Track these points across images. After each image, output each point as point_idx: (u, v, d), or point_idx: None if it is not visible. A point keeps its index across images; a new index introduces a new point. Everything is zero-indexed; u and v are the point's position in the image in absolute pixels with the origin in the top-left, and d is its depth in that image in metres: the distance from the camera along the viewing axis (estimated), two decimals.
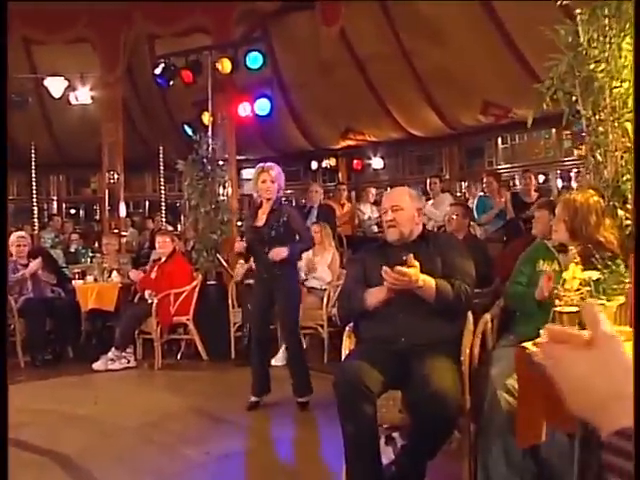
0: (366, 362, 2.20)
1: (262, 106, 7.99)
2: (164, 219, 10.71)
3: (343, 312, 2.56)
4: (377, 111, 9.11)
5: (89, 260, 7.02)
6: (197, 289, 5.57)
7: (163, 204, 11.35)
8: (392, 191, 2.64)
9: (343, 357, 2.47)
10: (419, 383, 2.10)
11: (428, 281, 2.27)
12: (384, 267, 2.26)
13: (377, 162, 11.54)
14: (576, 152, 8.96)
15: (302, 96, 9.18)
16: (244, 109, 8.10)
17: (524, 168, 8.38)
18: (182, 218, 10.46)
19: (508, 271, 3.28)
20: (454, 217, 4.80)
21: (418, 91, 8.50)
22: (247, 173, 12.50)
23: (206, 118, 7.02)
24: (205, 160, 5.83)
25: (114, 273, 5.94)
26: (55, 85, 7.74)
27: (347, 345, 2.50)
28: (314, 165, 11.58)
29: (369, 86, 8.61)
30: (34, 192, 10.61)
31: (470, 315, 2.48)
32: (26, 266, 5.78)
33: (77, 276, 5.93)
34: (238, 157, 8.26)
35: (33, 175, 10.07)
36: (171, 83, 7.07)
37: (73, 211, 13.06)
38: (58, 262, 6.92)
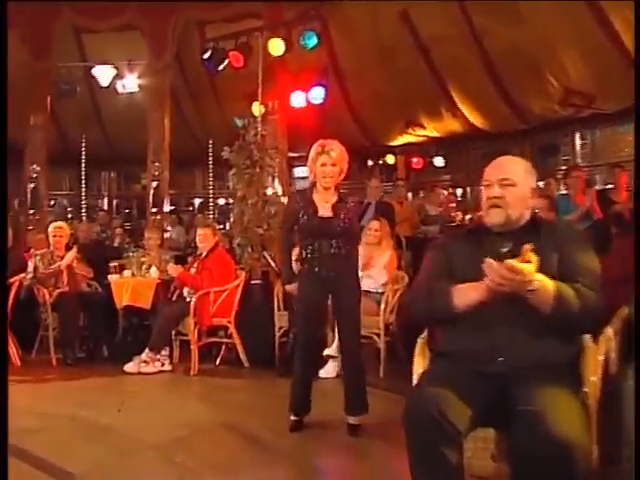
0: (450, 389, 1.59)
1: (316, 94, 7.50)
2: (212, 217, 10.38)
3: (418, 315, 1.94)
4: (441, 102, 8.43)
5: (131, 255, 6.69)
6: (240, 288, 5.09)
7: (211, 201, 11.08)
8: (501, 160, 1.95)
9: (415, 379, 1.86)
10: (527, 422, 1.47)
11: (545, 284, 1.66)
12: (488, 259, 1.65)
13: (438, 160, 10.81)
14: None
15: (359, 86, 8.60)
16: (297, 99, 7.64)
17: (612, 164, 7.45)
18: (232, 217, 10.14)
19: (613, 276, 2.66)
20: (536, 211, 4.09)
21: (488, 78, 7.76)
22: (300, 171, 12.08)
23: (256, 108, 6.57)
24: (253, 147, 5.35)
25: (153, 268, 5.55)
26: (103, 73, 7.53)
27: (420, 362, 1.89)
28: (370, 163, 10.99)
29: (433, 73, 7.94)
30: (83, 187, 10.58)
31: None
32: (62, 258, 5.48)
33: (114, 270, 5.57)
34: (290, 154, 7.80)
35: (83, 170, 10.00)
36: (220, 68, 6.69)
37: (124, 207, 13.01)
38: (103, 253, 6.64)
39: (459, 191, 10.97)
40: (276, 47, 5.98)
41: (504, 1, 6.55)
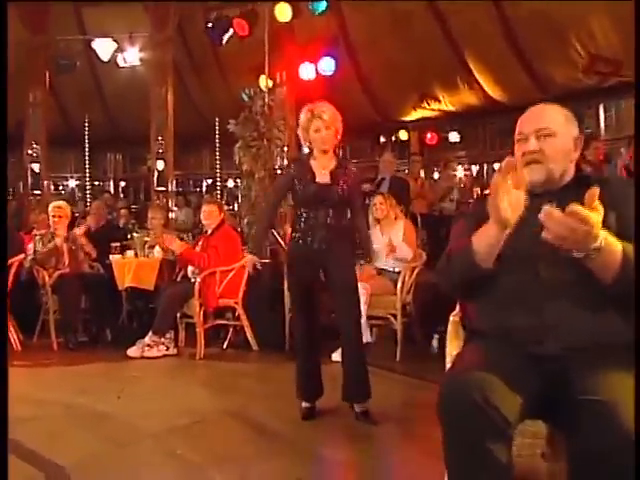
0: (494, 372, 1.31)
1: (326, 65, 7.16)
2: (220, 198, 10.10)
3: (444, 283, 1.66)
4: (457, 73, 8.03)
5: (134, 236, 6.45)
6: (247, 269, 4.81)
7: (219, 182, 10.78)
8: (536, 109, 1.65)
9: (449, 362, 1.58)
10: (594, 414, 1.19)
11: (611, 242, 1.35)
12: (546, 207, 1.35)
13: (453, 136, 10.43)
14: None
15: (371, 57, 8.23)
16: (306, 71, 7.30)
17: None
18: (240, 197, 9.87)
19: None
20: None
21: (508, 46, 7.36)
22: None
23: (263, 81, 6.25)
24: (259, 118, 5.05)
25: (156, 248, 5.31)
26: (103, 47, 7.24)
27: (454, 344, 1.61)
28: (382, 139, 10.64)
29: (449, 42, 7.54)
30: (87, 169, 10.35)
31: None
32: (65, 239, 5.27)
33: (115, 251, 5.32)
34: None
35: (86, 152, 9.76)
36: (225, 38, 6.36)
37: (130, 189, 12.78)
38: (108, 234, 6.39)
39: (474, 168, 10.63)
40: (283, 12, 5.64)
41: None
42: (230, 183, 11.54)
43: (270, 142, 5.18)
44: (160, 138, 6.91)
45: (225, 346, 4.90)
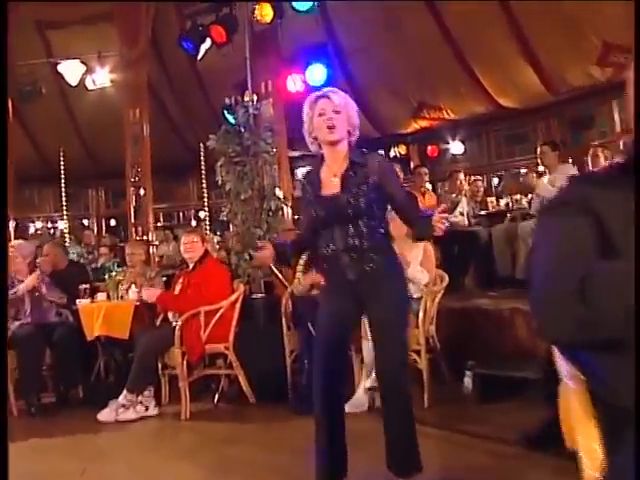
0: None
1: (315, 74, 6.56)
2: (208, 229, 9.45)
3: (562, 335, 0.94)
4: (458, 76, 7.43)
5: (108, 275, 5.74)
6: (238, 305, 4.12)
7: (206, 210, 10.09)
8: None
9: (584, 459, 0.86)
10: None
11: None
12: None
13: (456, 147, 9.80)
14: None
15: (363, 64, 7.62)
16: (294, 82, 6.70)
17: None
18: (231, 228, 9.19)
19: None
20: None
21: (514, 41, 6.77)
22: (303, 173, 11.09)
23: (248, 97, 5.62)
24: (243, 130, 4.40)
25: (132, 288, 4.60)
26: (70, 70, 6.64)
27: (588, 429, 0.89)
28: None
29: (448, 41, 6.93)
30: (64, 205, 9.66)
31: None
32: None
33: (85, 294, 4.61)
34: (290, 154, 6.86)
35: (62, 186, 9.10)
36: (202, 50, 5.76)
37: (120, 227, 12.09)
38: (82, 276, 5.68)
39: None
40: (265, 12, 5.04)
41: None
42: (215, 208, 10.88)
43: (257, 157, 4.51)
44: (137, 167, 6.23)
45: (216, 400, 4.14)
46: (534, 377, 3.52)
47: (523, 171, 8.47)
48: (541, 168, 5.84)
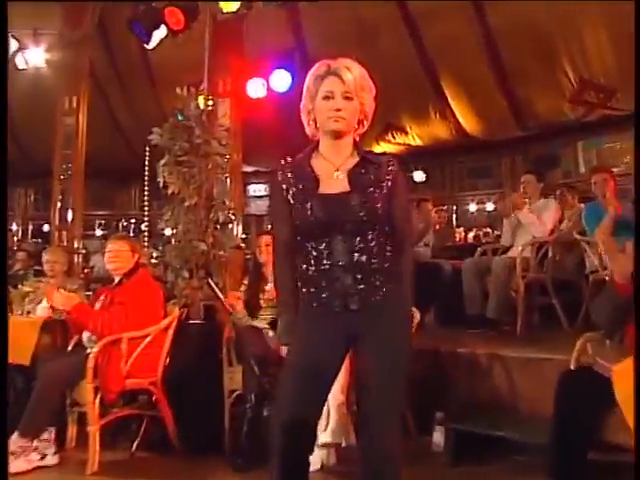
0: None
1: (279, 80, 6.03)
2: (147, 242, 8.63)
3: None
4: (429, 97, 7.07)
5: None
6: (170, 332, 3.42)
7: (146, 220, 9.29)
8: None
9: None
10: None
11: None
12: None
13: (418, 175, 9.51)
14: None
15: None
16: (255, 87, 6.14)
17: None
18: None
19: None
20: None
21: (488, 64, 6.52)
22: (256, 190, 10.46)
23: (202, 102, 4.94)
24: (194, 125, 3.76)
25: (43, 303, 3.82)
26: None
27: None
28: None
29: (421, 58, 6.58)
30: None
31: None
32: None
33: None
34: (245, 169, 6.26)
35: None
36: (155, 38, 5.09)
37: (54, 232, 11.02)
38: None
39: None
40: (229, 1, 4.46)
41: None
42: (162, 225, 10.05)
43: (207, 158, 3.87)
44: (67, 165, 5.44)
45: (134, 448, 3.38)
46: (515, 437, 3.04)
47: (490, 206, 8.27)
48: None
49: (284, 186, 1.87)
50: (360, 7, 6.03)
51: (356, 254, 1.78)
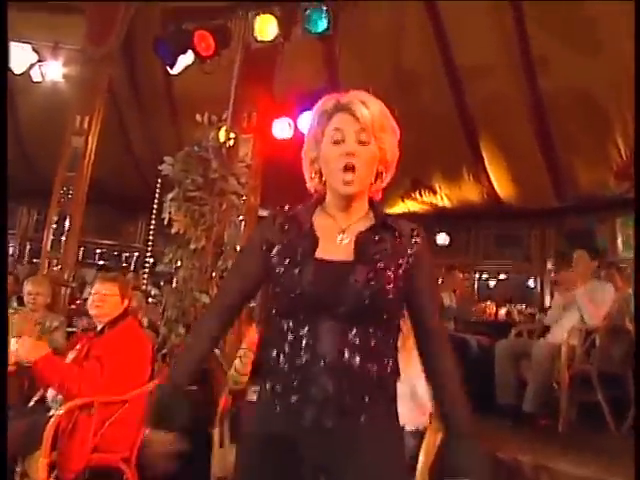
0: None
1: (308, 121, 5.63)
2: (146, 277, 8.12)
3: None
4: (464, 157, 6.65)
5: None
6: None
7: (149, 256, 8.85)
8: None
9: None
10: None
11: None
12: None
13: (441, 237, 9.01)
14: None
15: None
16: (281, 128, 5.76)
17: None
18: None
19: None
20: None
21: (533, 128, 6.10)
22: None
23: (223, 133, 4.54)
24: (212, 157, 3.31)
25: (12, 342, 3.27)
26: (18, 55, 5.48)
27: None
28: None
29: (463, 119, 6.19)
30: None
31: None
32: None
33: None
34: (260, 213, 5.81)
35: None
36: (181, 62, 4.74)
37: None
38: None
39: None
40: (265, 27, 4.11)
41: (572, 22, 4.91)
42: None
43: (222, 197, 3.40)
44: (68, 187, 5.01)
45: None
46: None
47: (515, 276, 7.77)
48: None
49: (268, 238, 1.42)
50: (403, 53, 5.68)
51: (347, 351, 1.31)
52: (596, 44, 4.94)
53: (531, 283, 8.44)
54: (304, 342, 1.32)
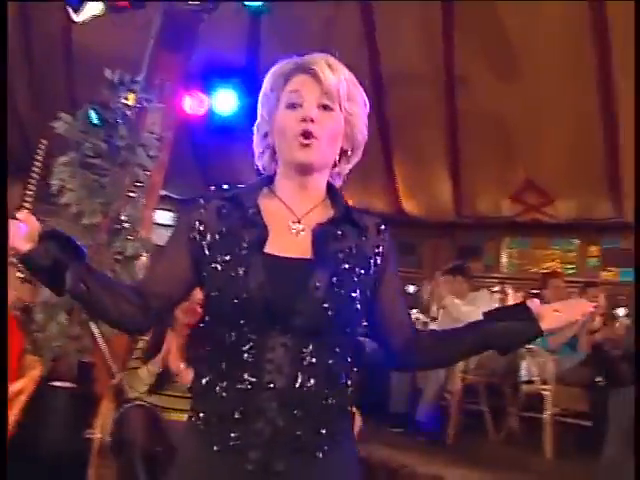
0: None
1: (224, 100, 5.31)
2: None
3: None
4: (376, 167, 6.61)
5: None
6: (23, 399, 2.37)
7: None
8: None
9: None
10: None
11: None
12: None
13: None
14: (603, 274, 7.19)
15: None
16: (193, 103, 5.36)
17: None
18: None
19: None
20: None
21: (444, 140, 6.18)
22: (163, 218, 9.33)
23: (132, 97, 4.04)
24: (120, 122, 2.86)
25: None
26: None
27: None
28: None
29: (379, 121, 6.12)
30: None
31: None
32: None
33: None
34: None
35: None
36: (87, 11, 4.15)
37: None
38: None
39: None
40: None
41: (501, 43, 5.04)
42: None
43: (125, 169, 2.95)
44: None
45: None
46: None
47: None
48: None
49: (199, 226, 1.12)
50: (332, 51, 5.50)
51: (301, 373, 1.05)
52: (517, 73, 5.12)
53: (423, 292, 8.67)
54: (249, 362, 1.04)
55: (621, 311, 5.49)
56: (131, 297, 1.12)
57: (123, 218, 3.04)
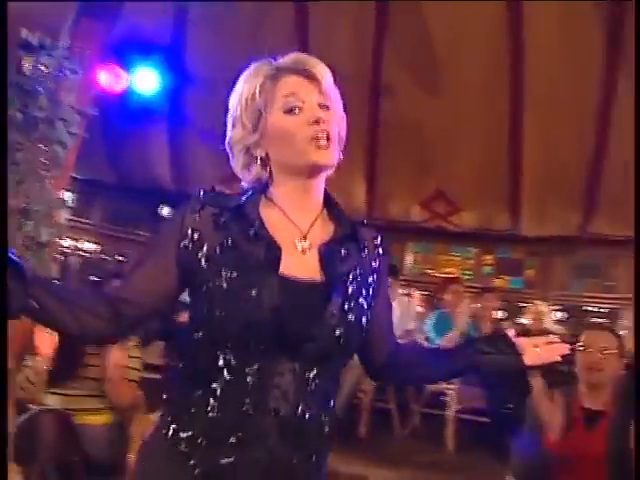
0: None
1: (145, 78, 5.00)
2: None
3: None
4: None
5: None
6: None
7: None
8: None
9: None
10: None
11: None
12: None
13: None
14: (496, 282, 7.71)
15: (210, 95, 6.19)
16: (110, 78, 5.01)
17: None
18: None
19: None
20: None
21: (363, 148, 6.25)
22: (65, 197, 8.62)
23: (53, 63, 3.61)
24: (40, 90, 2.54)
25: None
26: None
27: None
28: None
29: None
30: None
31: None
32: None
33: None
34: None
35: None
36: None
37: None
38: None
39: None
40: None
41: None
42: None
43: (43, 145, 2.62)
44: None
45: None
46: None
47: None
48: None
49: (192, 234, 0.99)
50: (264, 49, 5.35)
51: (302, 401, 0.99)
52: (439, 87, 5.31)
53: None
54: (250, 385, 0.94)
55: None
56: (98, 309, 0.97)
57: (37, 201, 2.71)
